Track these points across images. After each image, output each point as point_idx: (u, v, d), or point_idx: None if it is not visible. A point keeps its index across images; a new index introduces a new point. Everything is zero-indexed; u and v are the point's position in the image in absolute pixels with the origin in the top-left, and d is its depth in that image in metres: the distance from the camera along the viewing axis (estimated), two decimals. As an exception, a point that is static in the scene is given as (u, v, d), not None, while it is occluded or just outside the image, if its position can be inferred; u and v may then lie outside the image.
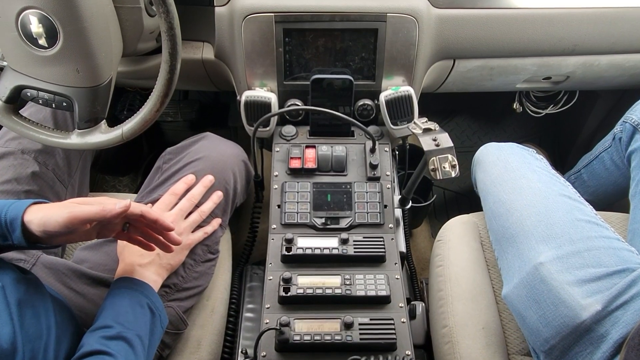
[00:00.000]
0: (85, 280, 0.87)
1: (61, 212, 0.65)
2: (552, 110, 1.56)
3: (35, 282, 0.70)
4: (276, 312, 0.86)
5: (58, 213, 0.65)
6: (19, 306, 0.64)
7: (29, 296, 0.66)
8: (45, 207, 0.68)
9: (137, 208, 0.71)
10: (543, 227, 0.89)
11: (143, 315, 0.77)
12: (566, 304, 0.79)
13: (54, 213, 0.65)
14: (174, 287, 0.90)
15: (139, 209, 0.71)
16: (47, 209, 0.67)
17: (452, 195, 1.77)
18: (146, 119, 0.90)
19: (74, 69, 0.87)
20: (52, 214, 0.65)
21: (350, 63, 1.07)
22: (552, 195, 0.94)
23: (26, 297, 0.66)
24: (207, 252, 0.95)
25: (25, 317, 0.64)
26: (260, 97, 1.04)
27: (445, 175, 0.86)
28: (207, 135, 1.04)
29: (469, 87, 1.30)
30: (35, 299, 0.68)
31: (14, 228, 0.65)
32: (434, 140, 0.88)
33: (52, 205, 0.69)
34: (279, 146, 1.07)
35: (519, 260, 0.89)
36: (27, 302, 0.66)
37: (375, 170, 1.03)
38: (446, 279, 0.98)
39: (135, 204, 0.71)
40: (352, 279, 0.88)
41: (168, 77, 0.87)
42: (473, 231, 1.07)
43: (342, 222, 0.97)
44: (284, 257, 0.92)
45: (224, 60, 1.11)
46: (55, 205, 0.69)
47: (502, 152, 1.07)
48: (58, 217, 0.65)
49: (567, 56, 1.15)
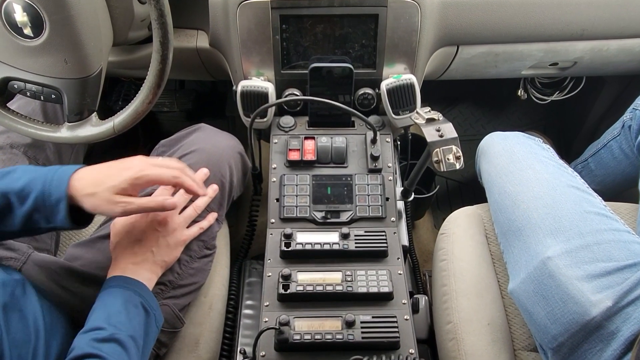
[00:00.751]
0: (78, 279, 0.84)
1: (113, 208, 0.71)
2: (557, 97, 1.52)
3: (22, 283, 0.68)
4: (275, 310, 0.83)
5: (110, 209, 0.71)
6: (4, 310, 0.61)
7: (15, 300, 0.64)
8: (94, 197, 0.70)
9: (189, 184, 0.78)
10: (551, 220, 0.86)
11: (137, 315, 0.75)
12: (575, 300, 0.76)
13: (106, 209, 0.71)
14: (170, 284, 0.87)
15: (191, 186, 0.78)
16: (97, 200, 0.70)
17: (455, 184, 1.74)
18: (138, 111, 0.87)
19: (62, 59, 0.84)
20: (104, 209, 0.71)
21: (350, 50, 1.03)
22: (560, 187, 0.91)
23: (12, 300, 0.63)
24: (204, 248, 0.92)
25: (12, 321, 0.61)
26: (257, 87, 1.01)
27: (449, 168, 0.83)
28: (201, 126, 1.01)
29: (472, 74, 1.26)
30: (22, 302, 0.65)
31: (59, 209, 0.68)
32: (437, 130, 0.85)
33: (101, 195, 0.70)
34: (277, 137, 1.04)
35: (526, 254, 0.86)
36: (14, 306, 0.63)
37: (376, 162, 1.00)
38: (450, 273, 0.95)
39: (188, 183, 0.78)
40: (353, 275, 0.85)
41: (160, 67, 0.83)
42: (478, 224, 1.04)
43: (343, 216, 0.94)
44: (283, 253, 0.89)
45: (219, 48, 1.07)
46: (104, 190, 0.70)
47: (507, 142, 1.04)
48: (109, 213, 0.72)
49: (575, 41, 1.11)
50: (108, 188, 0.70)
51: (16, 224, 0.69)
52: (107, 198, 0.70)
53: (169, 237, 0.84)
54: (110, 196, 0.70)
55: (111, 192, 0.71)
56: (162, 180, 0.75)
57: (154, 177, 0.74)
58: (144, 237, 0.82)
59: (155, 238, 0.83)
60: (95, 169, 0.73)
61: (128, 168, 0.73)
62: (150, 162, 0.76)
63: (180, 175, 0.76)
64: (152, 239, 0.83)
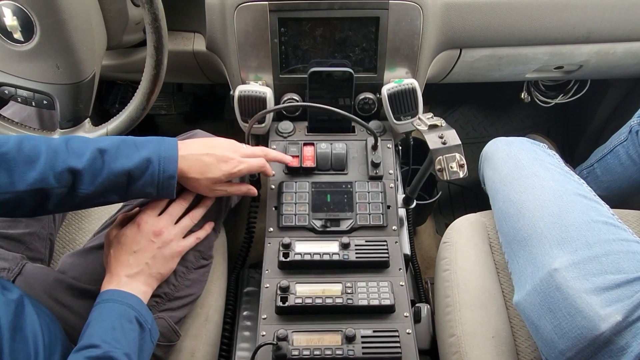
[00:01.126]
0: (71, 292, 0.82)
1: (210, 194, 0.85)
2: (561, 100, 1.49)
3: (21, 302, 0.65)
4: (273, 323, 0.81)
5: (207, 193, 0.85)
6: (11, 331, 0.59)
7: (17, 318, 0.62)
8: (197, 182, 0.81)
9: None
10: (557, 230, 0.83)
11: (131, 331, 0.72)
12: (583, 314, 0.74)
13: (204, 192, 0.84)
14: (165, 296, 0.84)
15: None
16: (199, 185, 0.82)
17: (458, 189, 1.71)
18: (132, 117, 0.85)
19: (54, 64, 0.82)
20: (202, 192, 0.84)
21: (350, 54, 1.01)
22: (567, 195, 0.88)
23: (15, 319, 0.61)
24: (200, 258, 0.90)
25: (16, 342, 0.59)
26: (255, 92, 0.98)
27: (452, 176, 0.80)
28: (197, 132, 0.98)
29: (475, 78, 1.24)
30: (22, 320, 0.63)
31: (170, 184, 0.76)
32: (440, 137, 0.83)
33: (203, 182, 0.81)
34: (276, 143, 1.01)
35: (532, 265, 0.83)
36: (17, 326, 0.61)
37: (377, 169, 0.97)
38: (453, 284, 0.93)
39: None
40: (353, 287, 0.83)
41: (154, 72, 0.81)
42: (481, 232, 1.01)
43: (343, 224, 0.92)
44: (281, 264, 0.87)
45: (216, 52, 1.04)
46: (206, 179, 0.81)
47: (511, 148, 1.01)
48: (206, 194, 0.85)
49: (581, 44, 1.08)
50: (209, 179, 0.81)
51: (130, 195, 0.76)
52: (207, 186, 0.82)
53: (164, 249, 0.82)
54: (210, 185, 0.82)
55: (211, 182, 0.82)
56: (251, 172, 0.86)
57: (245, 171, 0.85)
58: (138, 249, 0.80)
59: (151, 249, 0.80)
60: (195, 153, 0.80)
61: (225, 161, 0.82)
62: (242, 153, 0.85)
63: (264, 164, 0.87)
64: (148, 250, 0.80)
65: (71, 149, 0.71)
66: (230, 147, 0.84)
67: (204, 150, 0.81)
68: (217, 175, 0.81)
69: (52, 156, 0.69)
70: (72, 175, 0.70)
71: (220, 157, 0.81)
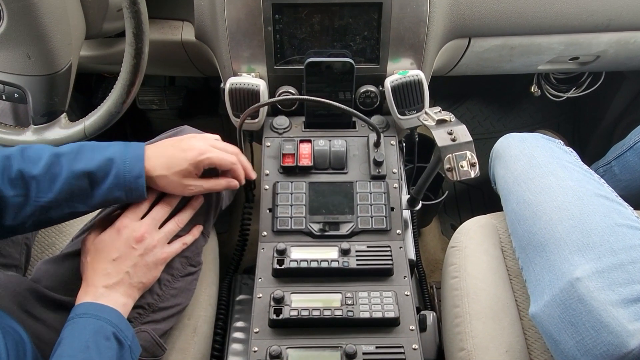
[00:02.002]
0: (45, 304, 0.75)
1: (183, 191, 0.76)
2: (574, 94, 1.42)
3: None
4: (266, 337, 0.74)
5: (180, 191, 0.76)
6: None
7: None
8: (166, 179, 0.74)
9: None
10: (578, 234, 0.76)
11: (108, 349, 0.65)
12: (610, 329, 0.67)
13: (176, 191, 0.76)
14: (149, 307, 0.77)
15: None
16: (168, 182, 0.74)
17: (464, 187, 1.64)
18: (111, 112, 0.78)
19: (24, 53, 0.75)
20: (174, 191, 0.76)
21: (350, 43, 0.93)
22: (587, 196, 0.81)
23: None
24: (187, 265, 0.82)
25: None
26: (247, 84, 0.91)
27: (463, 176, 0.73)
28: (183, 128, 0.91)
29: (484, 70, 1.16)
30: None
31: (138, 185, 0.71)
32: (449, 133, 0.75)
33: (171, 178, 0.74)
34: (270, 140, 0.94)
35: (550, 273, 0.76)
36: None
37: (380, 168, 0.90)
38: (463, 293, 0.85)
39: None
40: (354, 298, 0.76)
41: (134, 62, 0.73)
42: (492, 236, 0.94)
43: (343, 228, 0.84)
44: (275, 272, 0.80)
45: (206, 41, 0.97)
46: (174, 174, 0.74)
47: (525, 145, 0.93)
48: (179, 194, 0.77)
49: (600, 33, 1.00)
50: (177, 172, 0.74)
51: (96, 202, 0.71)
52: (177, 181, 0.75)
53: (147, 256, 0.74)
54: (180, 180, 0.75)
55: (180, 176, 0.74)
56: (221, 164, 0.78)
57: (215, 160, 0.76)
58: (118, 256, 0.73)
59: (132, 257, 0.73)
60: (159, 149, 0.75)
61: (190, 149, 0.75)
62: (211, 143, 0.78)
63: (236, 162, 0.80)
64: (128, 258, 0.73)
65: (26, 157, 0.67)
66: (199, 137, 0.79)
67: (170, 144, 0.77)
68: (184, 166, 0.74)
69: (6, 164, 0.64)
70: (27, 182, 0.65)
71: (186, 147, 0.76)
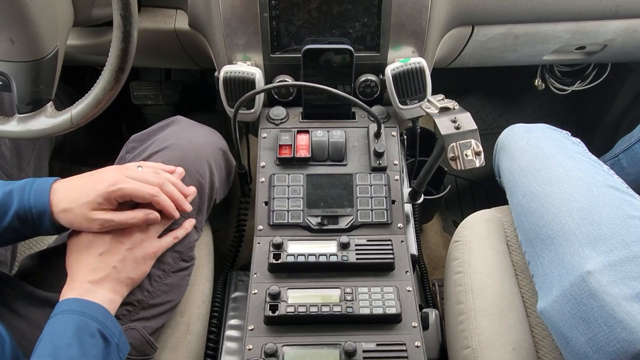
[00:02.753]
0: (29, 300, 0.71)
1: (90, 226, 0.68)
2: (579, 87, 1.38)
3: None
4: (262, 335, 0.70)
5: (87, 226, 0.68)
6: None
7: None
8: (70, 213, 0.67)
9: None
10: (588, 226, 0.72)
11: (93, 347, 0.62)
12: (623, 325, 0.63)
13: (83, 226, 0.68)
14: (139, 304, 0.74)
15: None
16: (73, 216, 0.67)
17: (466, 183, 1.60)
18: (99, 99, 0.74)
19: (7, 38, 0.71)
20: (81, 226, 0.68)
21: (349, 30, 0.90)
22: (597, 187, 0.77)
23: None
24: (179, 260, 0.79)
25: None
26: (242, 73, 0.87)
27: (467, 165, 0.70)
28: (177, 119, 0.87)
29: (487, 61, 1.13)
30: None
31: (43, 221, 0.67)
32: (453, 121, 0.72)
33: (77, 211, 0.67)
34: (266, 131, 0.91)
35: (559, 267, 0.73)
36: None
37: (380, 159, 0.86)
38: (467, 289, 0.82)
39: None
40: (354, 293, 0.72)
41: (122, 46, 0.70)
42: (497, 230, 0.90)
43: (342, 222, 0.81)
44: (271, 266, 0.76)
45: (200, 29, 0.93)
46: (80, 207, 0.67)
47: (531, 135, 0.90)
48: (87, 229, 0.69)
49: (608, 20, 0.97)
50: (83, 204, 0.67)
51: (5, 239, 0.69)
52: (83, 214, 0.67)
53: (135, 250, 0.71)
54: (86, 212, 0.67)
55: (87, 208, 0.67)
56: (137, 196, 0.70)
57: (129, 192, 0.69)
58: (105, 250, 0.69)
59: (119, 251, 0.70)
60: (70, 182, 0.70)
61: (101, 181, 0.69)
62: (126, 173, 0.71)
63: (158, 194, 0.71)
64: (115, 252, 0.70)
65: None
66: (116, 169, 0.72)
67: (81, 177, 0.71)
68: (92, 197, 0.67)
69: None
70: None
71: (98, 179, 0.69)
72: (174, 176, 0.77)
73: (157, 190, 0.71)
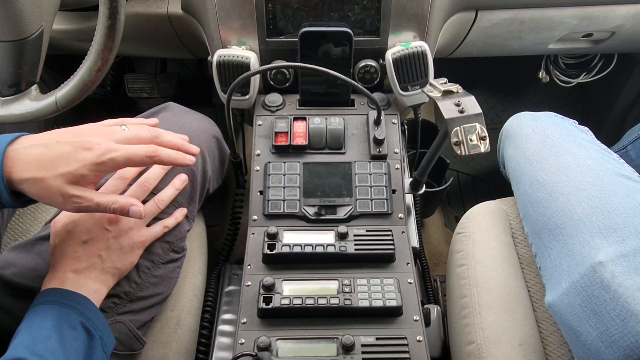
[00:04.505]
0: (10, 291, 0.67)
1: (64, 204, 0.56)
2: (584, 79, 1.35)
3: None
4: (254, 328, 0.67)
5: (59, 202, 0.56)
6: None
7: None
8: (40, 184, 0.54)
9: None
10: (599, 216, 0.69)
11: (74, 340, 0.58)
12: (638, 318, 0.60)
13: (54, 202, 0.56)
14: (126, 296, 0.70)
15: None
16: (43, 189, 0.54)
17: (468, 178, 1.57)
18: (85, 81, 0.70)
19: (-13, 16, 0.67)
20: (52, 201, 0.56)
21: (348, 14, 0.86)
22: (607, 175, 0.74)
23: None
24: (170, 251, 0.75)
25: None
26: (237, 57, 0.84)
27: (472, 150, 0.66)
28: (168, 105, 0.84)
29: (491, 49, 1.10)
30: None
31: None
32: (456, 105, 0.68)
33: (50, 182, 0.54)
34: (262, 119, 0.87)
35: (569, 258, 0.69)
36: None
37: (380, 147, 0.83)
38: (471, 282, 0.78)
39: None
40: (352, 285, 0.69)
41: (109, 23, 0.66)
42: (502, 221, 0.87)
43: (340, 212, 0.78)
44: (266, 257, 0.73)
45: (193, 13, 0.90)
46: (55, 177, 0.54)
47: (538, 123, 0.87)
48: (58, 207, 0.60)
49: (616, 5, 0.94)
50: (61, 174, 0.54)
51: None
52: (58, 188, 0.54)
53: (121, 238, 0.68)
54: (63, 186, 0.54)
55: (65, 181, 0.55)
56: (134, 161, 0.58)
57: (122, 161, 0.57)
58: (89, 238, 0.66)
59: (104, 239, 0.66)
60: (41, 142, 0.56)
61: (89, 148, 0.55)
62: (116, 137, 0.58)
63: (156, 150, 0.60)
64: (100, 240, 0.66)
65: None
66: (99, 131, 0.59)
67: (54, 137, 0.56)
68: (74, 167, 0.54)
69: None
70: None
71: (82, 144, 0.55)
72: (159, 166, 0.72)
73: (154, 147, 0.59)
